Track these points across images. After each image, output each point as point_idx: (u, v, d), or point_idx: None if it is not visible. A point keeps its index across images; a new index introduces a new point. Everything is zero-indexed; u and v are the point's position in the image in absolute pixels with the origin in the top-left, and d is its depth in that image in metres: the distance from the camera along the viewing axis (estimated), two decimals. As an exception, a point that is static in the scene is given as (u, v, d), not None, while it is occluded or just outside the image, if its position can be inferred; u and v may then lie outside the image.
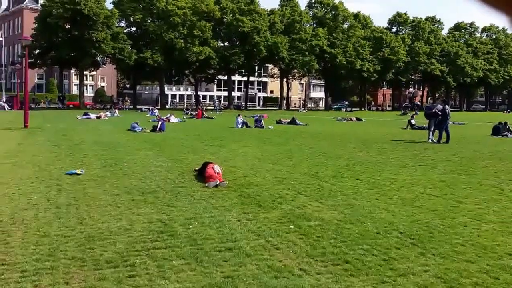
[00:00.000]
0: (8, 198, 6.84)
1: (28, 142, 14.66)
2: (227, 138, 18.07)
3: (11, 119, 26.09)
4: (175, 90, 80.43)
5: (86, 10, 42.33)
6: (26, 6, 60.87)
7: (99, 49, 44.99)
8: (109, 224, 5.65)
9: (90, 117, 29.50)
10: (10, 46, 61.69)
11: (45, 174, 8.91)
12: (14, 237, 5.03)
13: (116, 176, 8.96)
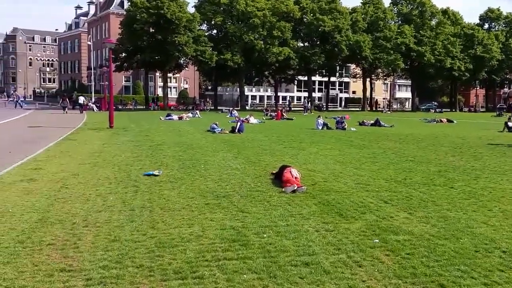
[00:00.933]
0: (84, 199, 7.00)
1: (111, 142, 15.33)
2: (307, 140, 17.60)
3: (98, 120, 27.78)
4: (255, 91, 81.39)
5: (169, 14, 44.07)
6: (113, 11, 64.89)
7: (182, 52, 46.66)
8: (181, 230, 5.50)
9: (173, 118, 30.55)
10: (98, 50, 66.18)
11: (123, 175, 9.11)
12: (84, 241, 5.03)
13: (192, 178, 8.92)
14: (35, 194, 7.24)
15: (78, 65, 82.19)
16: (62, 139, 16.30)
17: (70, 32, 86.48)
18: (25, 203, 6.67)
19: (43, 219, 5.83)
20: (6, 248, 4.71)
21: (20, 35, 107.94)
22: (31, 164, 10.33)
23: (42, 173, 9.11)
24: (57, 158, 11.42)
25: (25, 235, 5.16)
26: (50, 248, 4.75)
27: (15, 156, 11.39)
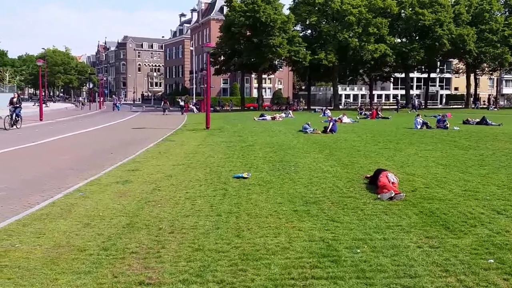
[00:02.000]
0: (174, 202, 6.85)
1: (206, 143, 15.48)
2: (404, 140, 16.27)
3: (196, 121, 28.64)
4: (349, 90, 79.13)
5: (264, 17, 44.39)
6: (213, 17, 67.09)
7: (276, 54, 46.72)
8: (266, 240, 5.04)
9: (266, 118, 30.54)
10: (199, 55, 68.88)
11: (214, 177, 8.93)
12: (168, 249, 4.77)
13: (281, 181, 8.46)
14: (127, 197, 7.28)
15: (181, 70, 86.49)
16: (161, 140, 16.86)
17: (174, 38, 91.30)
18: (116, 206, 6.70)
19: (131, 224, 5.74)
20: (90, 256, 4.61)
21: (130, 42, 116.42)
22: (129, 165, 10.63)
23: (138, 175, 9.27)
24: (154, 159, 11.68)
25: (111, 242, 5.05)
26: (133, 257, 4.56)
27: (116, 158, 11.86)
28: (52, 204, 6.88)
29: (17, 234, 5.37)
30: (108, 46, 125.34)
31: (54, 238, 5.23)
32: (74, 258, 4.57)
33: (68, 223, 5.84)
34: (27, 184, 8.74)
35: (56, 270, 4.23)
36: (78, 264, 4.39)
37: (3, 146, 14.97)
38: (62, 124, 28.37)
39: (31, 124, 27.09)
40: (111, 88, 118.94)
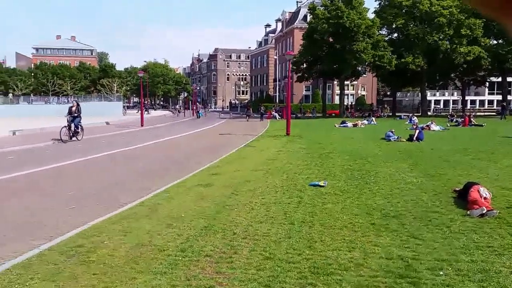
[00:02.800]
0: (249, 208, 6.77)
1: (285, 149, 15.33)
2: (500, 150, 14.71)
3: (278, 128, 28.64)
4: (438, 96, 74.42)
5: (348, 23, 43.30)
6: (297, 26, 67.05)
7: (359, 59, 45.33)
8: (339, 253, 4.73)
9: (347, 125, 29.67)
10: (283, 63, 69.24)
11: (290, 184, 8.74)
12: (239, 255, 4.67)
13: (359, 191, 8.02)
14: (207, 200, 7.36)
15: (266, 78, 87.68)
16: (243, 145, 17.05)
17: (260, 48, 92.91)
18: (197, 208, 6.78)
19: (208, 227, 5.75)
20: (168, 257, 4.66)
21: (220, 54, 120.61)
22: (212, 169, 10.83)
23: (218, 178, 9.38)
24: (235, 164, 11.79)
25: (189, 243, 5.08)
26: (207, 261, 4.53)
27: (202, 162, 12.16)
28: (141, 204, 7.15)
29: (106, 231, 5.62)
30: (201, 58, 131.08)
31: (138, 236, 5.39)
32: (154, 257, 4.65)
33: (152, 223, 6.00)
34: (122, 184, 9.24)
35: (136, 269, 4.32)
36: (156, 264, 4.45)
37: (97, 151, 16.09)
38: (159, 130, 30.00)
39: (134, 129, 29.03)
40: (203, 96, 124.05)
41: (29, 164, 12.26)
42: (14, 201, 7.76)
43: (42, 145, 18.09)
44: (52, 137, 20.27)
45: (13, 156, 14.61)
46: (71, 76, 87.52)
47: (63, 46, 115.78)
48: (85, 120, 22.01)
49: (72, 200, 7.70)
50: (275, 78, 72.10)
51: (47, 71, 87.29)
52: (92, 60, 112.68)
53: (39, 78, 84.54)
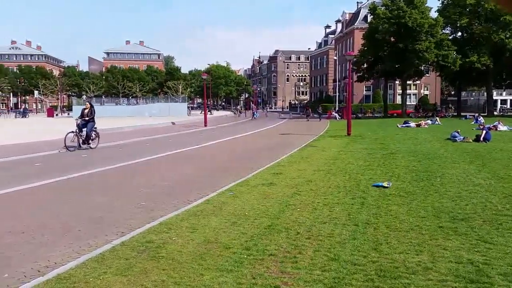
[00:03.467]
0: (312, 208, 6.68)
1: (346, 150, 15.00)
2: None
3: (338, 128, 28.12)
4: (505, 95, 69.41)
5: (410, 22, 41.66)
6: (357, 26, 65.48)
7: (422, 59, 43.45)
8: (406, 256, 4.53)
9: (410, 125, 28.53)
10: (342, 63, 67.93)
11: (352, 184, 8.52)
12: (304, 255, 4.61)
13: (425, 193, 7.66)
14: (270, 199, 7.36)
15: (325, 78, 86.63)
16: (304, 145, 16.91)
17: (320, 49, 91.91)
18: (260, 207, 6.81)
19: (272, 226, 5.74)
20: (233, 254, 4.70)
21: (280, 55, 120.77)
22: (274, 168, 10.83)
23: (281, 178, 9.36)
24: (297, 164, 11.71)
25: (253, 242, 5.10)
26: (271, 259, 4.51)
27: (264, 162, 12.21)
28: (207, 202, 7.29)
29: (175, 228, 5.78)
30: (262, 59, 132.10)
31: (205, 234, 5.49)
32: (220, 255, 4.70)
33: (218, 220, 6.09)
34: (189, 183, 9.50)
35: (203, 266, 4.39)
36: (222, 261, 4.50)
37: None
38: (222, 130, 30.60)
39: (198, 129, 29.83)
40: (263, 97, 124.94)
41: (100, 162, 12.96)
42: (88, 197, 8.22)
43: (112, 144, 19.07)
44: (119, 138, 21.27)
45: (87, 155, 15.52)
46: (140, 78, 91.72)
47: (132, 51, 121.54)
48: (153, 120, 22.84)
49: (142, 197, 8.03)
50: (334, 79, 70.97)
51: (117, 74, 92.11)
52: (159, 63, 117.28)
53: (110, 81, 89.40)
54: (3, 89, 75.14)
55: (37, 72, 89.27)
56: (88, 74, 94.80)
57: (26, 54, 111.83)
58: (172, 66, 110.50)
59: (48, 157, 14.60)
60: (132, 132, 27.01)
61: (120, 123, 33.11)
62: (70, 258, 4.79)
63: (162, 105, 58.20)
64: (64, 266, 4.43)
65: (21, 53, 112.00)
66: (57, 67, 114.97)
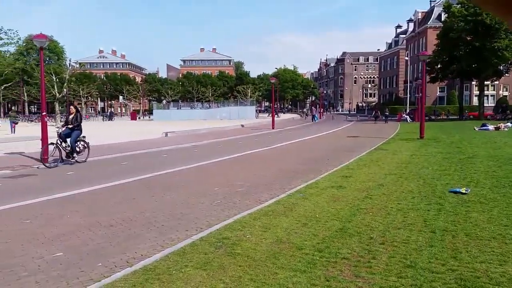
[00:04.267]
0: (385, 213, 6.44)
1: (420, 153, 14.30)
2: None
3: (409, 130, 26.89)
4: None
5: (488, 19, 38.78)
6: (430, 25, 62.27)
7: (500, 58, 40.27)
8: (489, 266, 4.22)
9: (488, 128, 26.56)
10: (414, 64, 64.95)
11: (427, 190, 8.10)
12: (378, 261, 4.46)
13: (508, 200, 7.08)
14: (340, 202, 7.23)
15: (395, 80, 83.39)
16: (374, 148, 16.39)
17: (389, 50, 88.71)
18: (330, 210, 6.71)
19: (344, 229, 5.64)
20: (306, 255, 4.68)
21: (348, 58, 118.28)
22: (343, 171, 10.62)
23: (350, 181, 9.16)
24: (367, 167, 11.38)
25: (324, 244, 5.04)
26: (344, 263, 4.43)
27: (332, 164, 12.03)
28: (277, 203, 7.33)
29: (248, 226, 5.88)
30: (329, 62, 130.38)
31: (277, 233, 5.53)
32: (292, 255, 4.71)
33: (289, 221, 6.11)
34: (260, 183, 9.62)
35: (277, 264, 4.43)
36: (295, 261, 4.51)
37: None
38: (289, 132, 30.63)
39: (266, 132, 30.13)
40: (330, 100, 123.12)
41: (179, 162, 13.54)
42: (169, 195, 8.62)
43: (189, 145, 19.84)
44: (194, 139, 22.06)
45: (167, 154, 16.30)
46: (212, 83, 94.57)
47: (205, 58, 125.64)
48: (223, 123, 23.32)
49: (217, 196, 8.27)
50: (405, 80, 68.10)
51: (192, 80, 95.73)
52: (230, 69, 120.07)
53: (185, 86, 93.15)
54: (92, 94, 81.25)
55: (121, 79, 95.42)
56: (166, 80, 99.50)
57: (112, 63, 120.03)
58: (242, 71, 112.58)
59: (132, 157, 15.52)
60: (205, 134, 27.93)
61: (195, 126, 34.40)
62: (155, 251, 5.07)
63: (232, 109, 59.59)
64: (149, 258, 4.70)
65: (107, 61, 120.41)
66: (139, 74, 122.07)
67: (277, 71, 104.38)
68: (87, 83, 77.88)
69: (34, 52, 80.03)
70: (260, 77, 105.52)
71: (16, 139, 23.24)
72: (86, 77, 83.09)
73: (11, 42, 43.33)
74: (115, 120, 62.06)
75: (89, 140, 14.46)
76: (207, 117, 55.33)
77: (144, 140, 22.60)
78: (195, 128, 31.56)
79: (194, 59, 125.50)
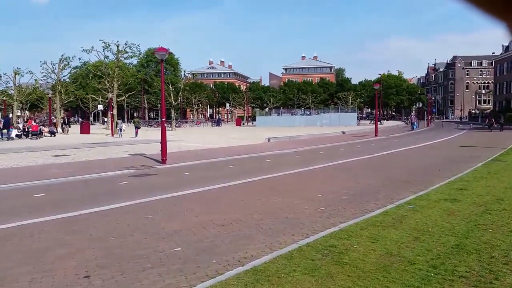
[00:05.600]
0: (507, 230, 5.73)
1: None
2: None
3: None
4: None
5: None
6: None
7: None
8: None
9: None
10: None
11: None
12: (501, 282, 3.99)
13: None
14: (455, 216, 6.63)
15: (514, 85, 74.53)
16: (490, 159, 14.80)
17: (506, 53, 79.60)
18: (445, 224, 6.19)
19: (460, 246, 5.16)
20: (419, 271, 4.37)
21: (459, 62, 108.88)
22: (457, 183, 9.75)
23: (466, 194, 8.37)
24: (484, 179, 10.30)
25: (439, 260, 4.66)
26: (462, 282, 4.05)
27: (444, 174, 11.13)
28: (385, 213, 7.00)
29: (355, 236, 5.70)
30: (437, 67, 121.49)
31: (386, 245, 5.27)
32: (404, 269, 4.44)
33: (399, 234, 5.78)
34: (365, 192, 9.29)
35: (388, 278, 4.21)
36: (407, 276, 4.24)
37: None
38: (393, 140, 29.17)
39: (368, 139, 29.11)
40: (439, 106, 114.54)
41: (282, 167, 13.69)
42: (275, 198, 8.74)
43: (290, 151, 19.99)
44: (295, 145, 22.05)
45: (270, 159, 16.60)
46: (313, 91, 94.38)
47: (306, 65, 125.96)
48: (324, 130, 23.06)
49: (321, 203, 8.17)
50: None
51: (293, 87, 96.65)
52: (330, 76, 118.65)
53: (286, 94, 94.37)
54: (202, 102, 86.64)
55: (228, 88, 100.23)
56: (268, 88, 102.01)
57: (220, 73, 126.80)
58: (343, 78, 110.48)
59: (238, 161, 16.14)
60: (306, 140, 27.90)
61: (295, 132, 34.58)
62: (264, 252, 5.17)
63: (332, 115, 58.69)
64: (259, 259, 4.81)
65: (216, 71, 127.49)
66: (244, 83, 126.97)
67: (380, 77, 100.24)
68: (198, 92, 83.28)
69: (153, 64, 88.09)
70: (361, 84, 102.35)
71: (138, 142, 25.73)
72: (197, 86, 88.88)
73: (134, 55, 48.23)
74: (222, 125, 65.28)
75: (203, 144, 15.42)
76: (307, 123, 55.28)
77: (249, 145, 23.36)
78: (296, 134, 31.71)
79: (295, 67, 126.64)
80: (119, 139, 29.43)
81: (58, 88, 48.55)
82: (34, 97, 57.30)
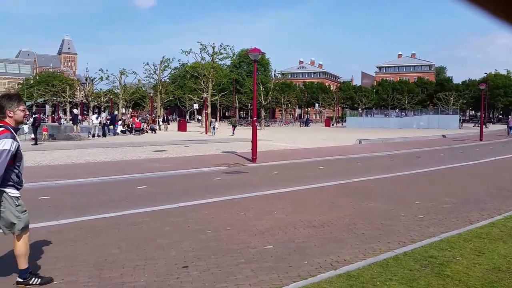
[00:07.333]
0: None
1: None
2: None
3: None
4: None
5: None
6: None
7: None
8: None
9: None
10: None
11: None
12: None
13: None
14: None
15: None
16: None
17: None
18: None
19: None
20: None
21: None
22: None
23: None
24: None
25: None
26: None
27: None
28: (492, 225, 6.42)
29: (458, 247, 5.31)
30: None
31: (493, 260, 4.83)
32: (516, 288, 4.02)
33: (508, 248, 5.26)
34: (469, 201, 8.59)
35: (497, 297, 3.85)
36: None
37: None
38: (501, 145, 26.53)
39: (471, 144, 26.83)
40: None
41: (374, 170, 13.20)
42: (368, 202, 8.45)
43: (383, 154, 19.16)
44: (389, 148, 21.08)
45: (361, 162, 16.10)
46: (409, 91, 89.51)
47: (403, 64, 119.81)
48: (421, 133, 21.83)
49: (420, 210, 7.72)
50: None
51: (387, 87, 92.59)
52: (430, 75, 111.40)
53: (380, 94, 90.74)
54: (291, 101, 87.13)
55: (317, 87, 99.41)
56: (360, 88, 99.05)
57: (309, 72, 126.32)
58: (443, 77, 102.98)
59: (328, 162, 15.93)
60: (400, 143, 26.56)
61: (389, 134, 33.13)
62: (357, 258, 5.04)
63: (430, 117, 55.06)
64: (353, 265, 4.70)
65: (306, 71, 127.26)
66: (334, 83, 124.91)
67: (486, 76, 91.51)
68: (288, 92, 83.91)
69: (245, 64, 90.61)
70: (465, 83, 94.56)
71: (230, 140, 26.73)
72: (287, 86, 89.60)
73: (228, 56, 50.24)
74: (311, 126, 64.96)
75: (292, 144, 15.53)
76: (402, 125, 52.62)
77: (338, 146, 22.94)
78: (389, 136, 30.35)
79: (390, 65, 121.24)
80: (212, 137, 30.90)
81: (159, 88, 52.45)
82: (137, 96, 62.60)
